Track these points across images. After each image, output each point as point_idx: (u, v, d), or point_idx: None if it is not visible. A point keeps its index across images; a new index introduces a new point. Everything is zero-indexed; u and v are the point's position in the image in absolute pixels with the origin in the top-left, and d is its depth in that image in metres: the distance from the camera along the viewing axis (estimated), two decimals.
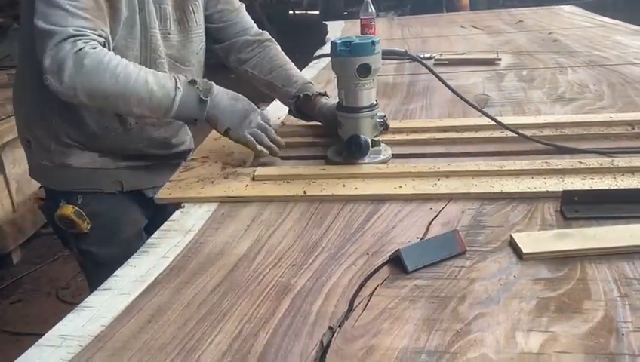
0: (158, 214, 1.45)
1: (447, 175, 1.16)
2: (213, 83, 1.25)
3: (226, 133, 1.26)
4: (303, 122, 1.54)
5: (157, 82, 1.17)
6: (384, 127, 1.33)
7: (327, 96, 1.48)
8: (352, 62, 1.24)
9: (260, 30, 1.57)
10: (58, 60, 1.10)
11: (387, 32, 3.21)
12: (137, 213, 1.43)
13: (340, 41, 1.25)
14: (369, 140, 1.26)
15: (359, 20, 2.71)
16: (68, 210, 1.34)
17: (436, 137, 1.41)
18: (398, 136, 1.43)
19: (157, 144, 1.41)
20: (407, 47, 2.69)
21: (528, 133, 1.36)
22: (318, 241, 0.98)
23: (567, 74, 1.99)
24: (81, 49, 1.10)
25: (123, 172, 1.38)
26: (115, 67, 1.14)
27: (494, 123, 1.35)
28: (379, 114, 1.30)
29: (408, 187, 1.13)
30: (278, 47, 1.56)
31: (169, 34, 1.35)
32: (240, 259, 0.94)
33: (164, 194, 1.20)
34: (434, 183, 1.13)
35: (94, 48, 1.12)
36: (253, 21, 1.56)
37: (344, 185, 1.17)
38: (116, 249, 1.35)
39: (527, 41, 2.63)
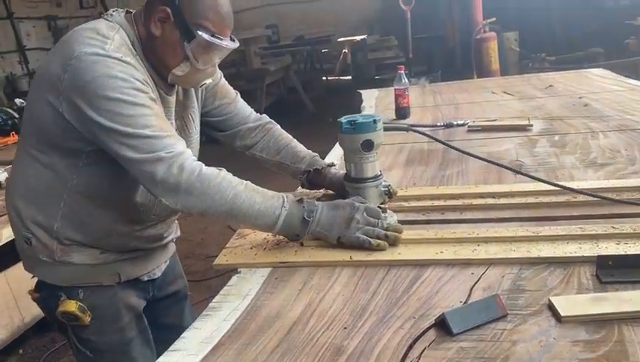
0: (158, 292, 1.56)
1: (487, 241, 1.23)
2: (317, 202, 1.30)
3: (339, 241, 1.27)
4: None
5: (264, 202, 1.24)
6: (389, 195, 1.44)
7: (335, 165, 1.61)
8: (356, 138, 1.38)
9: (259, 115, 1.65)
10: (170, 186, 1.18)
11: (420, 99, 3.33)
12: (135, 298, 1.47)
13: (346, 120, 1.40)
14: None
15: (393, 90, 2.85)
16: (72, 306, 1.36)
17: (473, 203, 1.48)
18: (436, 203, 1.51)
19: (152, 240, 1.47)
20: (440, 114, 2.80)
21: (563, 198, 1.43)
22: (366, 305, 1.05)
23: (599, 138, 2.05)
24: (189, 170, 1.18)
25: (121, 264, 1.41)
26: (225, 189, 1.21)
27: (529, 190, 1.42)
28: (383, 183, 1.43)
29: (449, 252, 1.20)
30: (278, 126, 1.66)
31: None
32: (295, 322, 1.02)
33: (221, 260, 1.30)
34: (474, 249, 1.20)
35: (195, 166, 1.20)
36: (250, 108, 1.64)
37: (387, 251, 1.25)
38: (116, 335, 1.42)
39: (557, 106, 2.70)
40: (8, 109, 4.56)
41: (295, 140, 1.65)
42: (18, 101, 5.03)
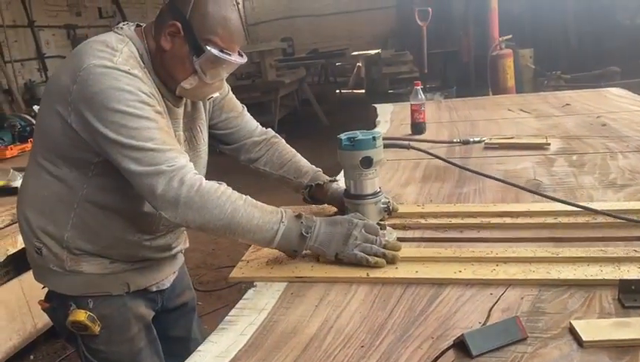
0: (167, 303, 1.56)
1: (505, 261, 1.22)
2: (315, 218, 1.30)
3: (337, 258, 1.27)
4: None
5: (262, 217, 1.24)
6: (388, 212, 1.44)
7: (337, 180, 1.61)
8: (355, 155, 1.38)
9: (265, 129, 1.66)
10: (169, 200, 1.19)
11: (435, 114, 3.32)
12: (144, 308, 1.48)
13: (345, 137, 1.40)
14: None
15: (408, 105, 2.85)
16: (81, 315, 1.36)
17: (491, 222, 1.47)
18: (454, 220, 1.50)
19: (161, 250, 1.47)
20: (456, 130, 2.79)
21: (582, 220, 1.41)
22: (383, 323, 1.04)
23: (618, 159, 2.03)
24: (189, 185, 1.19)
25: (130, 274, 1.42)
26: (224, 203, 1.21)
27: (547, 209, 1.41)
28: (383, 200, 1.42)
29: (468, 272, 1.19)
30: (283, 141, 1.67)
31: None
32: (311, 338, 1.01)
33: (236, 273, 1.30)
34: (493, 269, 1.19)
35: (195, 180, 1.20)
36: (256, 122, 1.64)
37: (405, 268, 1.24)
38: (125, 345, 1.43)
39: (575, 125, 2.68)
40: (27, 116, 4.61)
41: (299, 155, 1.65)
42: (36, 108, 5.09)
